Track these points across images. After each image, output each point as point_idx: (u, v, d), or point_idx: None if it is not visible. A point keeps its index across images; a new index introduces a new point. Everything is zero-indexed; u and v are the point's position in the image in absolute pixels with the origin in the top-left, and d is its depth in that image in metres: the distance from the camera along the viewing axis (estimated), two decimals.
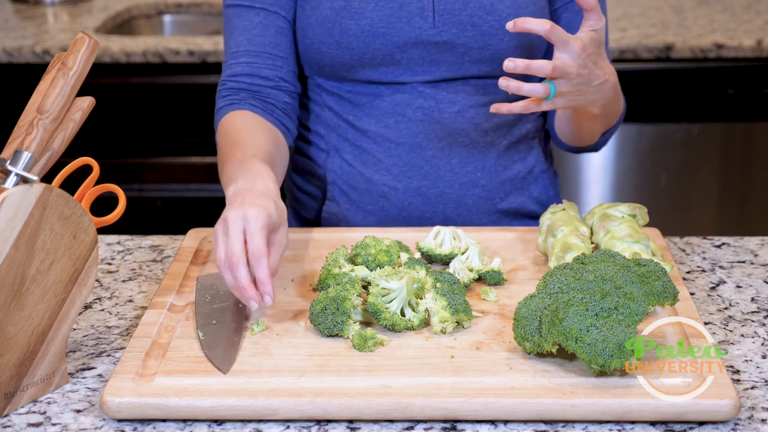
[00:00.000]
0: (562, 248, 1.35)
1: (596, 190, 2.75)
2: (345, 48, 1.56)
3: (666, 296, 1.18)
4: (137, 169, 2.69)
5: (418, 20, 1.55)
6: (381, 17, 1.55)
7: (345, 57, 1.57)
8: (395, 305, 1.24)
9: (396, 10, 1.55)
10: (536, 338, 1.15)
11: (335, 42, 1.56)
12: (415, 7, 1.55)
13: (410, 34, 1.55)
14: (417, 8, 1.55)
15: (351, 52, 1.56)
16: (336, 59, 1.57)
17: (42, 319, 1.13)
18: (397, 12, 1.55)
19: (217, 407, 1.10)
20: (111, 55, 2.57)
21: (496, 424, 1.10)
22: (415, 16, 1.55)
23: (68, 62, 1.14)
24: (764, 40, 2.53)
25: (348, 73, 1.59)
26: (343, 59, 1.57)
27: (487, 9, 1.55)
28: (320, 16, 1.56)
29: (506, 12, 1.55)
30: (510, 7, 1.55)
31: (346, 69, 1.58)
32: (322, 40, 1.56)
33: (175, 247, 1.55)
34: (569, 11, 1.62)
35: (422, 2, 1.55)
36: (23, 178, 1.10)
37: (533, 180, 1.69)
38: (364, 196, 1.64)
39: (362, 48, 1.56)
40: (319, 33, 1.56)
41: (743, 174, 2.76)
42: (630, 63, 2.51)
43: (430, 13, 1.55)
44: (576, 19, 1.61)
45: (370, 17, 1.55)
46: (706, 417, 1.09)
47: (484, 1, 1.55)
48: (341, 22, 1.55)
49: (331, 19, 1.55)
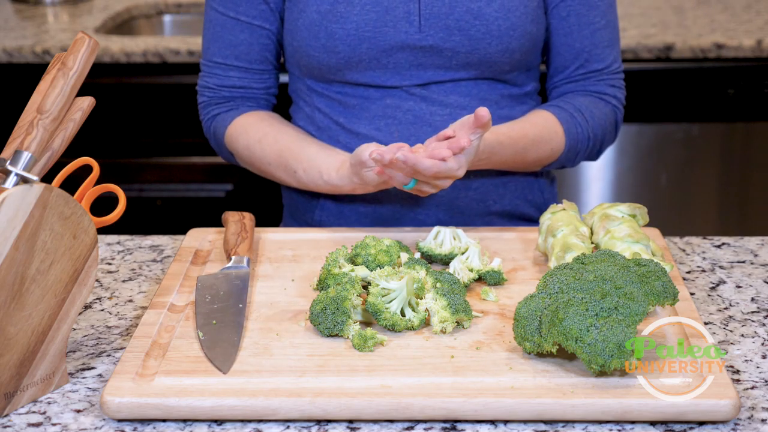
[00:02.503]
0: (562, 248, 1.35)
1: (596, 190, 2.75)
2: (331, 51, 1.56)
3: (666, 296, 1.18)
4: (137, 169, 2.69)
5: (404, 24, 1.55)
6: (367, 21, 1.54)
7: (332, 60, 1.57)
8: (395, 305, 1.24)
9: (382, 14, 1.54)
10: (536, 338, 1.15)
11: (321, 45, 1.56)
12: (402, 11, 1.54)
13: (396, 39, 1.55)
14: (403, 12, 1.55)
15: (337, 55, 1.56)
16: (323, 62, 1.58)
17: (42, 319, 1.13)
18: (383, 16, 1.54)
19: (217, 407, 1.10)
20: (111, 55, 2.57)
21: (496, 424, 1.10)
22: (401, 21, 1.55)
23: (68, 62, 1.14)
24: (764, 40, 2.53)
25: (335, 75, 1.59)
26: (330, 62, 1.57)
27: (474, 13, 1.54)
28: (307, 20, 1.56)
29: (494, 16, 1.54)
30: (498, 11, 1.54)
31: (333, 72, 1.59)
32: (309, 43, 1.57)
33: (175, 247, 1.55)
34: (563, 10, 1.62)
35: (408, 6, 1.54)
36: (23, 178, 1.10)
37: (528, 183, 1.69)
38: (357, 199, 1.64)
39: (348, 52, 1.55)
40: (306, 36, 1.57)
41: (743, 174, 2.76)
42: (630, 63, 2.51)
43: (416, 18, 1.54)
44: (575, 13, 1.61)
45: (356, 21, 1.54)
46: (706, 417, 1.09)
47: (472, 5, 1.54)
48: (327, 25, 1.55)
49: (317, 23, 1.56)
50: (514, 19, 1.54)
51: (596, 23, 1.62)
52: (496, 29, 1.54)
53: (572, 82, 1.65)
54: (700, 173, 2.75)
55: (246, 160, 1.64)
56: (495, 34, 1.54)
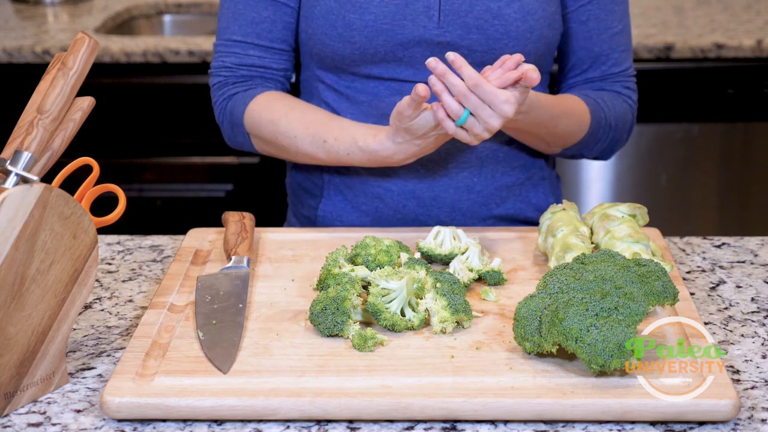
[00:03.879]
0: (562, 248, 1.35)
1: (596, 190, 2.75)
2: (347, 42, 1.55)
3: (666, 296, 1.18)
4: (137, 169, 2.69)
5: (423, 19, 1.54)
6: (386, 13, 1.54)
7: (347, 51, 1.56)
8: (395, 305, 1.24)
9: (401, 7, 1.54)
10: (536, 338, 1.15)
11: (338, 35, 1.55)
12: (422, 5, 1.54)
13: (414, 33, 1.55)
14: (423, 7, 1.54)
15: (353, 46, 1.55)
16: (337, 52, 1.57)
17: (42, 319, 1.13)
18: (402, 9, 1.54)
19: (217, 407, 1.10)
20: (111, 55, 2.57)
21: (496, 424, 1.10)
22: (421, 15, 1.54)
23: (68, 62, 1.14)
24: (764, 40, 2.53)
25: (348, 66, 1.58)
26: (345, 53, 1.56)
27: (493, 13, 1.54)
28: (324, 7, 1.55)
29: (513, 17, 1.54)
30: (518, 12, 1.54)
31: (347, 63, 1.58)
32: (325, 32, 1.56)
33: (175, 247, 1.55)
34: (581, 14, 1.62)
35: (429, 1, 1.54)
36: (23, 178, 1.10)
37: (532, 187, 1.69)
38: (360, 196, 1.64)
39: (365, 43, 1.55)
40: (322, 24, 1.56)
41: (743, 174, 2.76)
42: None
43: (436, 13, 1.54)
44: (594, 17, 1.61)
45: (375, 12, 1.54)
46: (706, 417, 1.09)
47: (491, 5, 1.54)
48: (345, 15, 1.54)
49: (335, 11, 1.55)
50: (532, 21, 1.54)
51: (614, 27, 1.63)
52: (514, 30, 1.54)
53: (589, 82, 1.66)
54: (700, 173, 2.75)
55: (268, 136, 1.58)
56: (513, 35, 1.54)
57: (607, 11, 1.62)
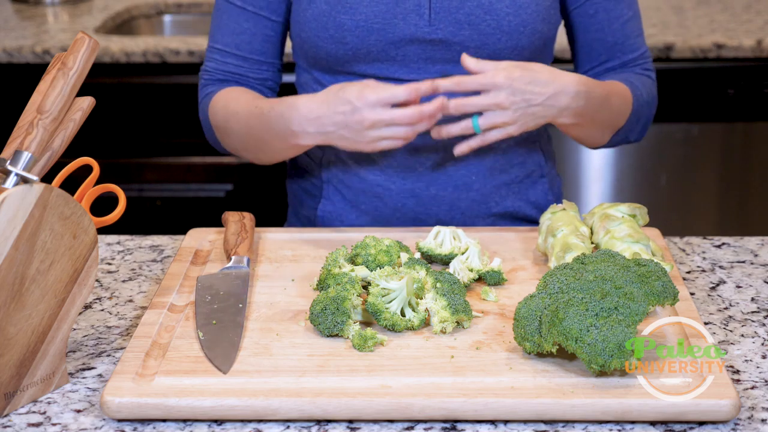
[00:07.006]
0: (562, 248, 1.35)
1: (596, 190, 2.75)
2: (340, 43, 1.56)
3: (666, 296, 1.18)
4: (137, 169, 2.69)
5: (414, 17, 1.55)
6: (376, 13, 1.54)
7: (340, 52, 1.57)
8: (395, 305, 1.24)
9: (392, 6, 1.54)
10: (536, 338, 1.15)
11: (330, 36, 1.56)
12: (412, 3, 1.54)
13: (406, 31, 1.55)
14: (413, 5, 1.55)
15: (345, 46, 1.56)
16: (331, 53, 1.57)
17: (42, 319, 1.13)
18: (392, 8, 1.54)
19: (217, 407, 1.10)
20: (111, 55, 2.57)
21: (496, 424, 1.10)
22: (411, 13, 1.55)
23: (68, 62, 1.14)
24: (764, 40, 2.53)
25: (343, 67, 1.59)
26: (338, 54, 1.57)
27: (485, 8, 1.54)
28: (316, 10, 1.56)
29: (505, 12, 1.54)
30: (509, 6, 1.54)
31: (341, 63, 1.58)
32: (317, 34, 1.57)
33: (175, 247, 1.55)
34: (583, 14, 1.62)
35: None
36: (23, 178, 1.10)
37: (531, 184, 1.69)
38: (359, 196, 1.64)
39: (357, 43, 1.55)
40: (315, 27, 1.57)
41: (743, 174, 2.76)
42: None
43: (426, 10, 1.54)
44: (602, 9, 1.62)
45: (366, 13, 1.54)
46: (706, 417, 1.09)
47: (483, 0, 1.54)
48: (336, 16, 1.55)
49: (326, 14, 1.55)
50: (524, 16, 1.54)
51: (624, 15, 1.63)
52: (506, 25, 1.54)
53: (610, 71, 1.66)
54: (700, 173, 2.75)
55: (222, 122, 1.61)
56: (505, 30, 1.54)
57: (615, 1, 1.62)
